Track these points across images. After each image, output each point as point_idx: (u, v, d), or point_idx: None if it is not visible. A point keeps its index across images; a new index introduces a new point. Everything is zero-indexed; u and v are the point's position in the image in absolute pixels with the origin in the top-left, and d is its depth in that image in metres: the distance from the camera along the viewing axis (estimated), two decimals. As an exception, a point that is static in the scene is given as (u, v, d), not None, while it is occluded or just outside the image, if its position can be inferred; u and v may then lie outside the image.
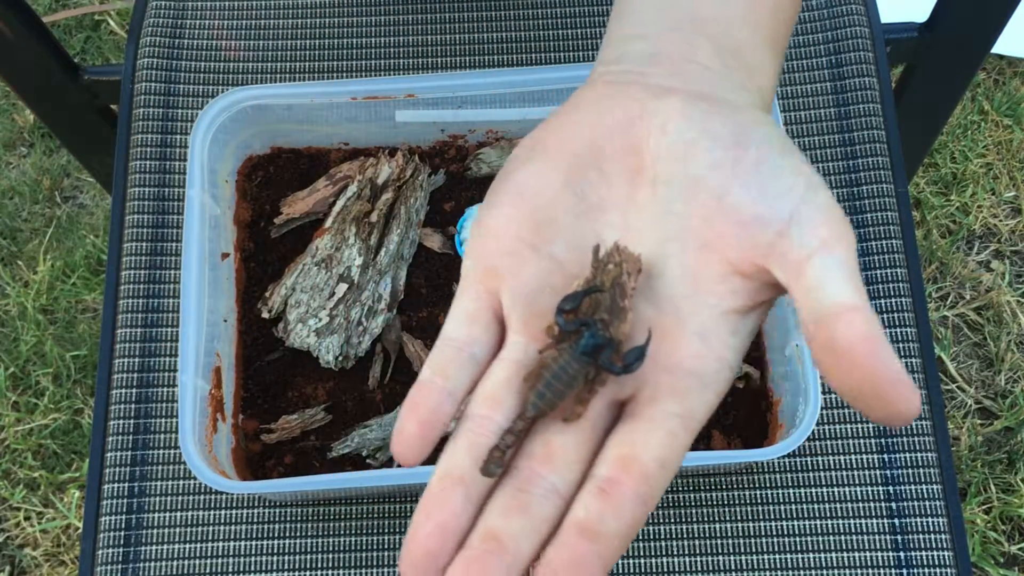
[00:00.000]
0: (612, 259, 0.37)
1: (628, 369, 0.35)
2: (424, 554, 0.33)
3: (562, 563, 0.33)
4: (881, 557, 0.63)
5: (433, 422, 0.35)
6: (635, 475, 0.34)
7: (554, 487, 0.35)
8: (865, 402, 0.32)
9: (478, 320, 0.38)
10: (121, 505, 0.65)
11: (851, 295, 0.33)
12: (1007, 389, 1.31)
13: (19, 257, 1.43)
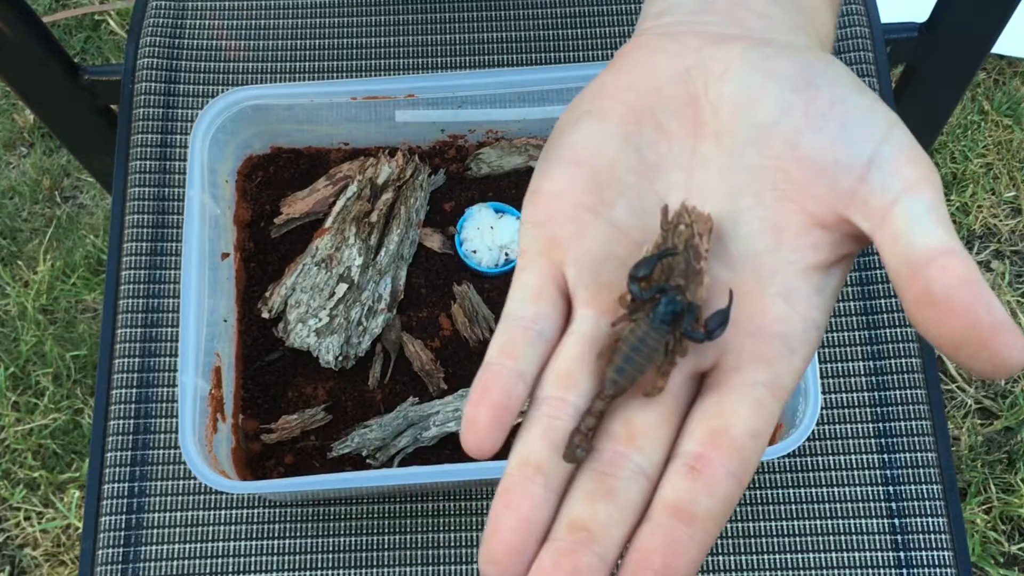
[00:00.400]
0: (682, 220, 0.34)
1: (711, 335, 0.33)
2: (507, 550, 0.31)
3: (656, 548, 0.31)
4: (881, 557, 0.63)
5: (507, 407, 0.33)
6: (726, 449, 0.32)
7: (640, 468, 0.33)
8: (969, 353, 0.29)
9: (543, 295, 0.35)
10: (121, 505, 0.65)
11: (943, 238, 0.30)
12: (1007, 389, 1.31)
13: (19, 257, 1.43)
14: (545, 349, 0.35)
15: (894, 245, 0.31)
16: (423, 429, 0.64)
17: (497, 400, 0.33)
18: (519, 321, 0.35)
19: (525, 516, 0.31)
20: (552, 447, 0.33)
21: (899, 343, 0.67)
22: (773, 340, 0.33)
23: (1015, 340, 0.29)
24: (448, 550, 0.64)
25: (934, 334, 0.30)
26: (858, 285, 0.68)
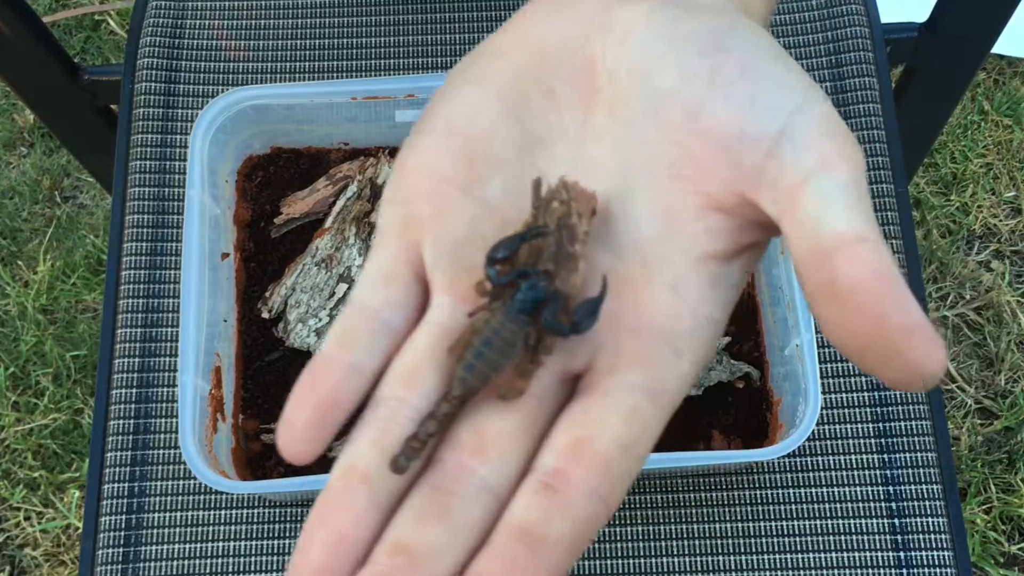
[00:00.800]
0: (558, 196, 0.30)
1: (578, 328, 0.28)
2: (314, 572, 0.27)
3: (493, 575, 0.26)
4: (881, 557, 0.63)
5: (334, 405, 0.29)
6: (588, 464, 0.27)
7: (485, 484, 0.28)
8: (876, 358, 0.25)
9: (394, 280, 0.31)
10: (121, 505, 0.65)
11: (856, 223, 0.26)
12: (1007, 389, 1.31)
13: (19, 257, 1.43)
14: (391, 341, 0.30)
15: (800, 232, 0.27)
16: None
17: (322, 396, 0.29)
18: (363, 309, 0.30)
19: (341, 533, 0.27)
20: (383, 455, 0.28)
21: (899, 343, 0.67)
22: (656, 338, 0.29)
23: (931, 347, 0.25)
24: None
25: (837, 335, 0.26)
26: (858, 285, 0.68)
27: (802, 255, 0.26)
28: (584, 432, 0.28)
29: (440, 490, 0.28)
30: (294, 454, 0.28)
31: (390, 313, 0.30)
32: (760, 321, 0.67)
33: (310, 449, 0.28)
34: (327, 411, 0.29)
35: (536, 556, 0.26)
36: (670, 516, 0.64)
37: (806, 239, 0.26)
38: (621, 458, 0.27)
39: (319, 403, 0.29)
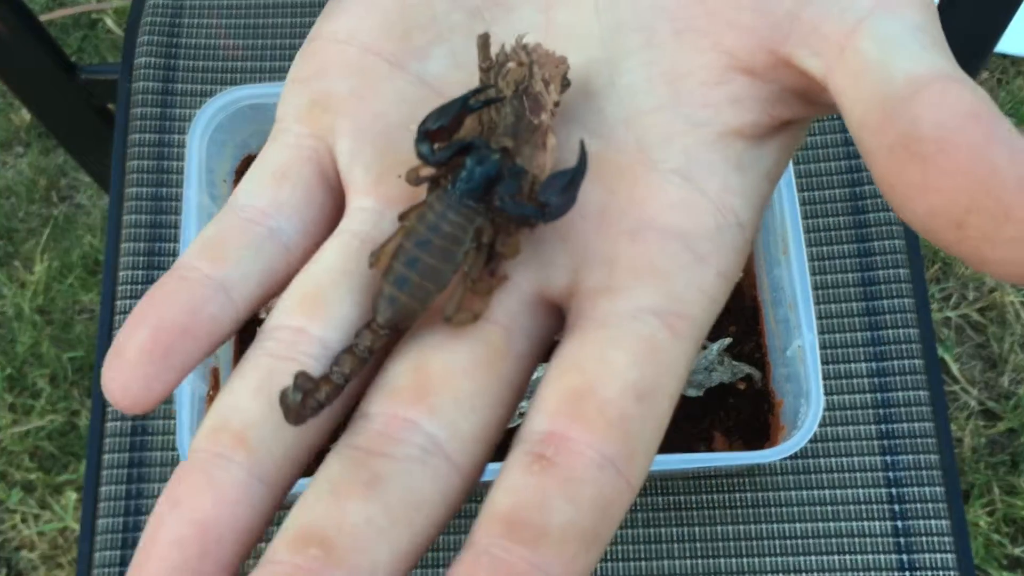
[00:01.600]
0: (515, 57, 0.23)
1: (549, 211, 0.21)
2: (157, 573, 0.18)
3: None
4: (884, 560, 0.62)
5: (185, 331, 0.20)
6: (594, 423, 0.19)
7: (433, 443, 0.20)
8: (980, 228, 0.17)
9: (290, 176, 0.23)
10: (118, 507, 0.65)
11: (938, 63, 0.19)
12: (1011, 391, 1.31)
13: (15, 257, 1.43)
14: (279, 255, 0.23)
15: (859, 82, 0.19)
16: (422, 431, 0.64)
17: (168, 317, 0.20)
18: (241, 212, 0.23)
19: (200, 522, 0.19)
20: (271, 408, 0.20)
21: (902, 344, 0.66)
22: (667, 239, 0.21)
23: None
24: (447, 552, 0.64)
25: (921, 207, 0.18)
26: (860, 286, 0.68)
27: (865, 111, 0.19)
28: (583, 380, 0.20)
29: (367, 452, 0.20)
30: (121, 394, 0.20)
31: (280, 220, 0.23)
32: (761, 322, 0.67)
33: (143, 389, 0.20)
34: (174, 338, 0.20)
35: (537, 557, 0.18)
36: (671, 518, 0.64)
37: (868, 89, 0.19)
38: (638, 411, 0.20)
39: (163, 326, 0.20)
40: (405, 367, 0.21)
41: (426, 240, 0.21)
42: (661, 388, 0.20)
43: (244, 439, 0.20)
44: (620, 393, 0.20)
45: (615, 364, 0.20)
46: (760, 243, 0.67)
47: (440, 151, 0.22)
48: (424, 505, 0.20)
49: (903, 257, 0.68)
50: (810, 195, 0.70)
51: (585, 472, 0.19)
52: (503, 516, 0.19)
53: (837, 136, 0.72)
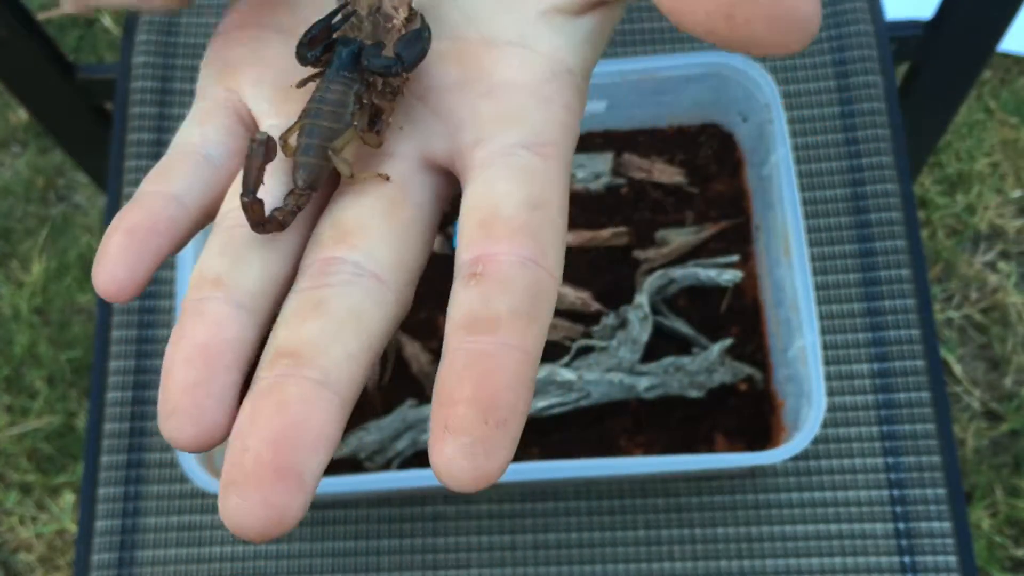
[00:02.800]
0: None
1: (404, 61, 0.26)
2: (184, 388, 0.24)
3: (462, 373, 0.23)
4: (886, 562, 0.62)
5: (151, 229, 0.26)
6: (505, 235, 0.24)
7: (360, 268, 0.25)
8: (745, 11, 0.22)
9: (213, 117, 0.29)
10: (116, 509, 0.65)
11: None
12: (1013, 392, 1.30)
13: (13, 257, 1.43)
14: (213, 174, 0.28)
15: None
16: (421, 432, 0.63)
17: (137, 222, 0.26)
18: (179, 147, 0.29)
19: (201, 342, 0.24)
20: (236, 257, 0.26)
21: (904, 345, 0.66)
22: (517, 91, 0.26)
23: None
24: (447, 554, 0.63)
25: (700, 13, 0.23)
26: (862, 286, 0.68)
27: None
28: (484, 210, 0.25)
29: (309, 288, 0.25)
30: (109, 281, 0.25)
31: (210, 149, 0.29)
32: (763, 323, 0.67)
33: (127, 277, 0.25)
34: (144, 236, 0.26)
35: (497, 337, 0.23)
36: (672, 520, 0.64)
37: None
38: (536, 216, 0.25)
39: (133, 227, 0.26)
40: (326, 225, 0.27)
41: (318, 110, 0.27)
42: (548, 199, 0.25)
43: (218, 281, 0.25)
44: (516, 208, 0.25)
45: (504, 190, 0.25)
46: (762, 244, 0.67)
47: (315, 52, 0.28)
48: (362, 313, 0.25)
49: (905, 258, 0.68)
50: (812, 195, 0.70)
51: (510, 270, 0.24)
52: (462, 322, 0.24)
53: (838, 136, 0.71)
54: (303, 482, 0.22)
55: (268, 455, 0.22)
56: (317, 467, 0.23)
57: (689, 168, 0.71)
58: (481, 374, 0.23)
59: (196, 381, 0.24)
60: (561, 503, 0.64)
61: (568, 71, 0.27)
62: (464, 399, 0.22)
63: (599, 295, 0.67)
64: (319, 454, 0.23)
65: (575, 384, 0.63)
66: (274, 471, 0.22)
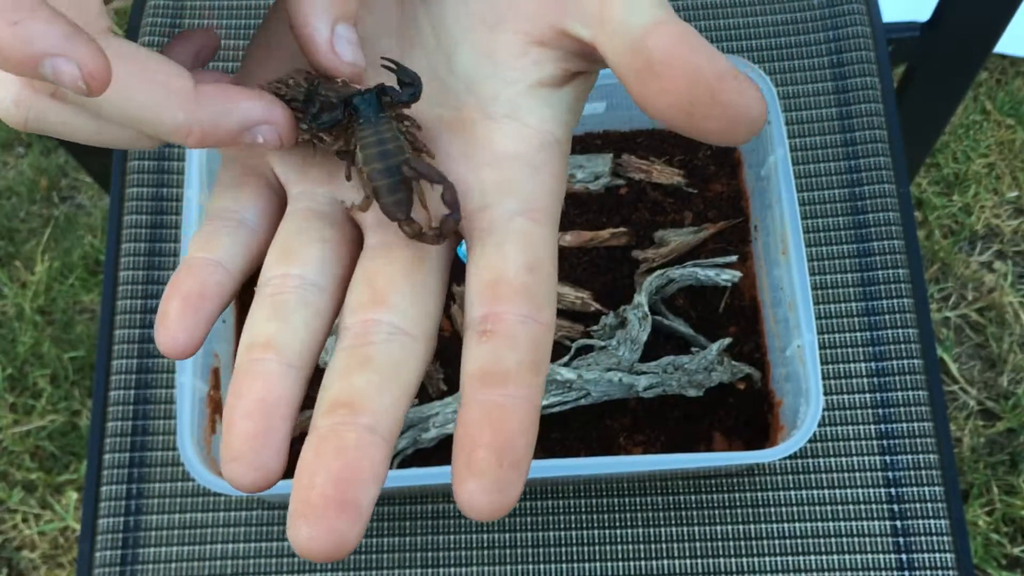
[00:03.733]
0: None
1: (414, 84, 0.30)
2: (245, 438, 0.28)
3: (479, 422, 0.27)
4: (883, 559, 0.62)
5: (201, 295, 0.30)
6: (508, 296, 0.29)
7: (396, 327, 0.29)
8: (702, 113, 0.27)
9: (244, 184, 0.33)
10: (119, 507, 0.65)
11: (659, 13, 0.28)
12: (1009, 390, 1.31)
13: (16, 257, 1.43)
14: (249, 237, 0.32)
15: (614, 38, 0.29)
16: (422, 431, 0.64)
17: (190, 289, 0.30)
18: (217, 213, 0.32)
19: (259, 397, 0.28)
20: (283, 323, 0.30)
21: (901, 344, 0.66)
22: (512, 161, 0.31)
23: (743, 86, 0.27)
24: (447, 552, 0.64)
25: (663, 106, 0.28)
26: (860, 286, 0.68)
27: (620, 55, 0.29)
28: (491, 273, 0.30)
29: (353, 346, 0.29)
30: (172, 344, 0.29)
31: (245, 213, 0.32)
32: (761, 322, 0.67)
33: (187, 338, 0.29)
34: (197, 301, 0.30)
35: (506, 389, 0.27)
36: (671, 518, 0.64)
37: (620, 41, 0.29)
38: (532, 279, 0.29)
39: (188, 295, 0.30)
40: (362, 287, 0.30)
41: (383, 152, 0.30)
42: (541, 260, 0.30)
43: (269, 344, 0.29)
44: (516, 272, 0.29)
45: (507, 255, 0.30)
46: (760, 244, 0.68)
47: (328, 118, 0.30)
48: (401, 365, 0.29)
49: (902, 257, 0.68)
50: (809, 195, 0.70)
51: (514, 328, 0.28)
52: (476, 375, 0.28)
53: (836, 137, 0.72)
54: (360, 513, 0.26)
55: (332, 491, 0.26)
56: (371, 500, 0.26)
57: (688, 169, 0.71)
58: (496, 423, 0.27)
59: (255, 432, 0.28)
60: (561, 501, 0.64)
61: (556, 141, 0.31)
62: (483, 444, 0.26)
63: (598, 295, 0.68)
64: (372, 489, 0.27)
65: (575, 383, 0.63)
66: (337, 504, 0.26)
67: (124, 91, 0.28)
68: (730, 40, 0.75)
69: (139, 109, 0.29)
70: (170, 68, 0.29)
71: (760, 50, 0.75)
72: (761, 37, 0.75)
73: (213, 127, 0.30)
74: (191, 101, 0.29)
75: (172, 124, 0.29)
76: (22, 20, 0.24)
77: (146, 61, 0.29)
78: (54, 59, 0.24)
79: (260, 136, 0.30)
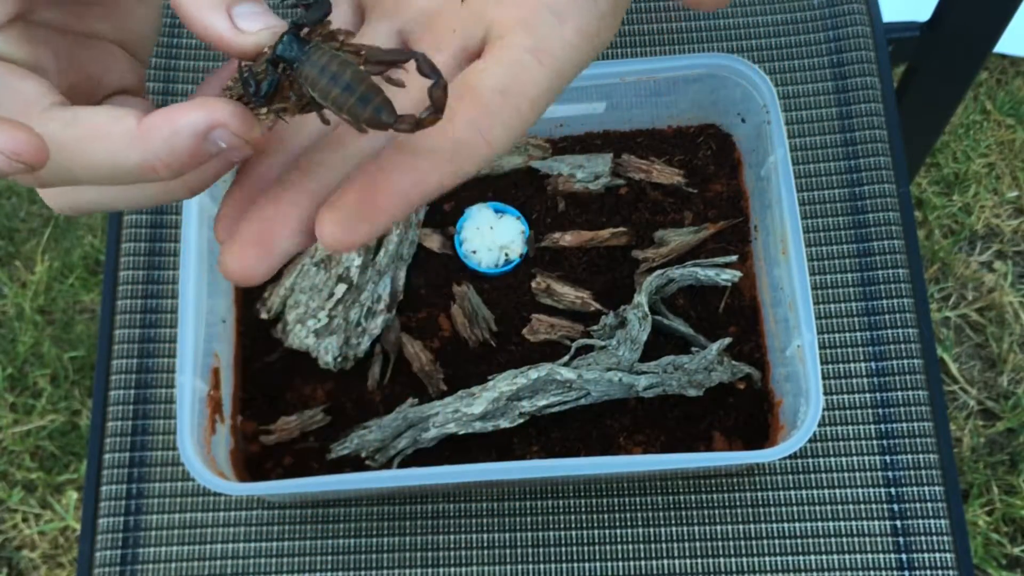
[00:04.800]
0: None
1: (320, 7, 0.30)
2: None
3: (370, 170, 0.30)
4: (883, 559, 0.62)
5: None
6: (467, 101, 0.31)
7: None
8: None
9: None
10: (119, 507, 0.65)
11: None
12: (1009, 390, 1.31)
13: (16, 257, 1.43)
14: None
15: None
16: (422, 430, 0.64)
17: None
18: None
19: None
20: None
21: (901, 344, 0.66)
22: (538, 8, 0.32)
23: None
24: (447, 552, 0.64)
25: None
26: (860, 286, 0.68)
27: None
28: (469, 78, 0.32)
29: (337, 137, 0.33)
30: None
31: None
32: (761, 322, 0.67)
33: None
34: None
35: (405, 157, 0.30)
36: (671, 517, 0.64)
37: None
38: (499, 100, 0.31)
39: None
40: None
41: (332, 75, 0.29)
42: (519, 90, 0.31)
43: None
44: (490, 87, 0.31)
45: (491, 72, 0.32)
46: (760, 244, 0.68)
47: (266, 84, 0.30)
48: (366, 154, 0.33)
49: (902, 257, 0.68)
50: (809, 195, 0.70)
51: (457, 126, 0.30)
52: (395, 140, 0.31)
53: (836, 137, 0.72)
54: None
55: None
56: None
57: (688, 169, 0.71)
58: (379, 171, 0.30)
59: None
60: (560, 501, 0.65)
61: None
62: (354, 189, 0.30)
63: (598, 295, 0.68)
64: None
65: (575, 383, 0.63)
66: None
67: (75, 152, 0.28)
68: (730, 40, 0.75)
69: (98, 164, 0.29)
70: (109, 114, 0.29)
71: (760, 50, 0.75)
72: (761, 37, 0.75)
73: (170, 153, 0.29)
74: (136, 138, 0.28)
75: (133, 166, 0.28)
76: None
77: (89, 118, 0.29)
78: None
79: (220, 141, 0.29)
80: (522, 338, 0.67)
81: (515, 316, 0.68)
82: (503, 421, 0.63)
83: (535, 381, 0.62)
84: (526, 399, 0.63)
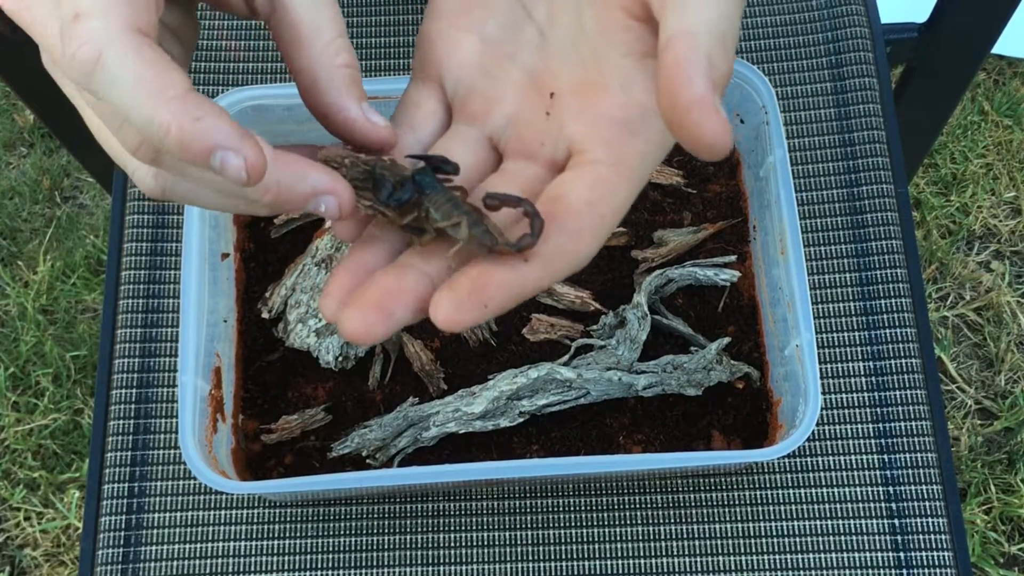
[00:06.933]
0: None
1: (455, 164, 0.38)
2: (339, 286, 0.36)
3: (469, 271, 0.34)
4: (881, 557, 0.63)
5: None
6: (559, 210, 0.34)
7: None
8: (673, 131, 0.32)
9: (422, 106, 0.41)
10: (121, 505, 0.65)
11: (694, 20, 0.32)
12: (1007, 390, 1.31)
13: (19, 257, 1.43)
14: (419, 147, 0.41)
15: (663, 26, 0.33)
16: (423, 429, 0.64)
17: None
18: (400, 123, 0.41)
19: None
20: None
21: (899, 343, 0.67)
22: (615, 123, 0.36)
23: (708, 119, 0.31)
24: (448, 550, 0.64)
25: (661, 111, 0.32)
26: (858, 286, 0.68)
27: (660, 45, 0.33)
28: (558, 191, 0.36)
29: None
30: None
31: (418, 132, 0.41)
32: (760, 322, 0.67)
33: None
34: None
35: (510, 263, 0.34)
36: (670, 516, 0.64)
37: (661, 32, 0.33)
38: (587, 211, 0.35)
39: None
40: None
41: (455, 201, 0.36)
42: (604, 201, 0.35)
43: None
44: (577, 199, 0.35)
45: (577, 187, 0.36)
46: (759, 244, 0.68)
47: (404, 196, 0.37)
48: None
49: (900, 257, 0.69)
50: (808, 196, 0.71)
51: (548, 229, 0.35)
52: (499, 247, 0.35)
53: (834, 138, 0.72)
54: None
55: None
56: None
57: (687, 169, 0.72)
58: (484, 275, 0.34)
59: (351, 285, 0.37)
60: (560, 500, 0.65)
61: (653, 111, 0.35)
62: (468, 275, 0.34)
63: (598, 294, 0.68)
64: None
65: (574, 382, 0.63)
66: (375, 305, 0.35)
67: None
68: (729, 41, 0.76)
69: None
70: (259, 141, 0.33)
71: (760, 50, 0.75)
72: (760, 37, 0.76)
73: (289, 189, 0.34)
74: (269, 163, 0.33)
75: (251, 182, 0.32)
76: (203, 117, 0.30)
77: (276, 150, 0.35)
78: (224, 152, 0.30)
79: (323, 205, 0.35)
80: (522, 337, 0.67)
81: (515, 315, 0.68)
82: (503, 420, 0.63)
83: (535, 380, 0.63)
84: (526, 398, 0.63)
